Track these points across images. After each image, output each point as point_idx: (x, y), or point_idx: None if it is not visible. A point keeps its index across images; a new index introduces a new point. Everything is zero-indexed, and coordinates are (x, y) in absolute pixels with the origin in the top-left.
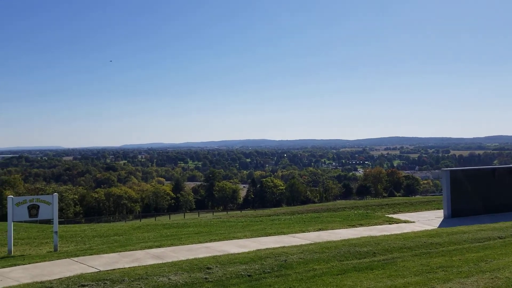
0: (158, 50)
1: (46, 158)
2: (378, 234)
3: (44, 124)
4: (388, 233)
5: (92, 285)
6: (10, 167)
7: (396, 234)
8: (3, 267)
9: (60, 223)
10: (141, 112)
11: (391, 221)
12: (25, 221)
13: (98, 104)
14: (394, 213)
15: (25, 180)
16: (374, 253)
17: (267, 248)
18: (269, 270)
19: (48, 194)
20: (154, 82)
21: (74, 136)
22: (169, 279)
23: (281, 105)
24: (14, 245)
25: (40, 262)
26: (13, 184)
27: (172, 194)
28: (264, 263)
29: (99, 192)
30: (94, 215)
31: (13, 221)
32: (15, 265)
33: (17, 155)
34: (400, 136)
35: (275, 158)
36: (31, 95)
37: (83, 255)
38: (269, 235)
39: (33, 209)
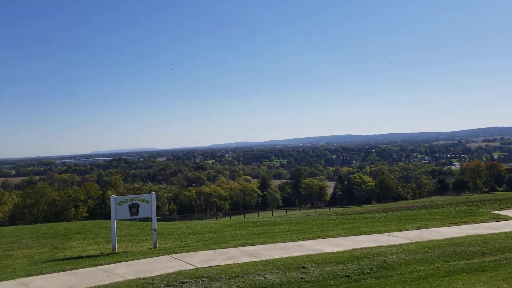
0: (233, 47)
1: (142, 160)
2: (485, 232)
3: (140, 128)
4: (497, 231)
5: (191, 282)
6: (111, 168)
7: (506, 232)
8: (109, 263)
9: (156, 220)
10: (226, 113)
11: (499, 218)
12: (126, 219)
13: (185, 107)
14: (501, 209)
15: (125, 180)
16: (483, 253)
17: (363, 248)
18: (368, 271)
19: (145, 193)
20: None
21: (167, 138)
22: (265, 277)
23: (365, 100)
24: (117, 242)
25: (141, 258)
26: (114, 184)
27: (259, 192)
28: (362, 263)
29: (191, 190)
30: (187, 213)
31: (116, 220)
32: (119, 261)
33: (117, 158)
34: (500, 126)
35: (362, 153)
36: (129, 102)
37: (181, 252)
38: (364, 234)
39: (134, 208)
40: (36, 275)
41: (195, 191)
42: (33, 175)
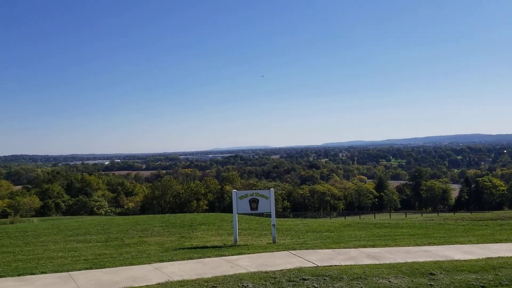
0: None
1: (257, 157)
2: None
3: (256, 127)
4: None
5: (312, 279)
6: (228, 165)
7: None
8: (232, 255)
9: (270, 216)
10: (341, 110)
11: None
12: (246, 214)
13: (300, 105)
14: None
15: (241, 176)
16: None
17: (499, 257)
18: (507, 282)
19: (260, 189)
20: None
21: (281, 136)
22: (389, 281)
23: (495, 95)
24: (238, 235)
25: (262, 252)
26: (232, 180)
27: (375, 193)
28: (499, 273)
29: (304, 188)
30: (300, 210)
31: (237, 213)
32: (241, 253)
33: (234, 155)
34: None
35: (492, 154)
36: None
37: (300, 249)
38: (500, 242)
39: (254, 203)
40: (168, 261)
41: (308, 189)
42: (160, 169)
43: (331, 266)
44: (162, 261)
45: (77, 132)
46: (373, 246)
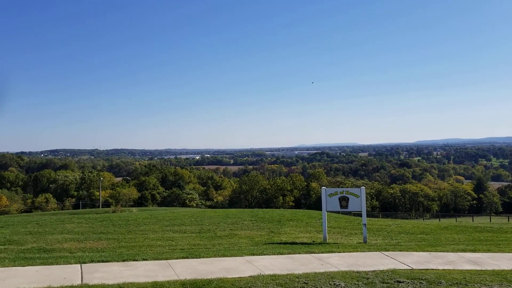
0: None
1: (344, 154)
2: None
3: (342, 123)
4: None
5: (408, 282)
6: (314, 161)
7: None
8: (322, 252)
9: (358, 215)
10: (436, 106)
11: None
12: (335, 212)
13: (392, 100)
14: None
15: (327, 173)
16: None
17: None
18: None
19: (347, 187)
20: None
21: (369, 133)
22: None
23: None
24: (327, 233)
25: (352, 252)
26: (318, 177)
27: (474, 195)
28: None
29: (395, 188)
30: (390, 210)
31: (326, 211)
32: (331, 252)
33: (320, 151)
34: None
35: None
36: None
37: (393, 250)
38: None
39: (343, 201)
40: (259, 255)
41: (399, 189)
42: (247, 164)
43: (427, 269)
44: (253, 254)
45: (171, 128)
46: (474, 251)
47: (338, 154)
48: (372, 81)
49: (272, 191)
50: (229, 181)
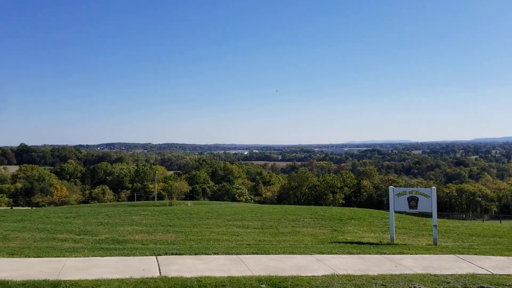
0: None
1: (396, 152)
2: None
3: (394, 120)
4: None
5: None
6: (364, 159)
7: None
8: (393, 253)
9: (413, 215)
10: (496, 102)
11: None
12: (403, 212)
13: (448, 96)
14: None
15: (378, 171)
16: None
17: None
18: None
19: (401, 186)
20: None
21: (423, 129)
22: None
23: None
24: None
25: (425, 254)
26: (369, 175)
27: None
28: None
29: (450, 187)
30: (445, 211)
31: (394, 211)
32: (402, 253)
33: (370, 148)
34: None
35: None
36: (381, 93)
37: (468, 253)
38: None
39: (413, 201)
40: (327, 253)
41: (455, 188)
42: (296, 161)
43: (509, 275)
44: (322, 253)
45: (220, 123)
46: None
47: (389, 151)
48: (426, 77)
49: (321, 188)
50: (277, 176)
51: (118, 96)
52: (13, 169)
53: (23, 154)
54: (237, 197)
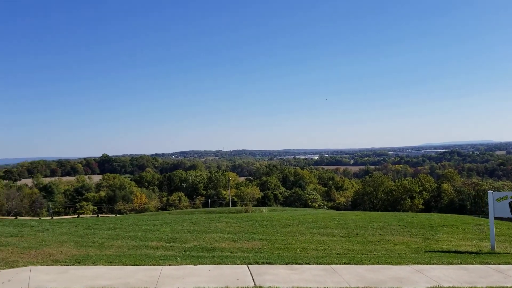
0: None
1: (478, 153)
2: None
3: (472, 119)
4: None
5: None
6: (443, 161)
7: None
8: (498, 263)
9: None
10: None
11: None
12: (500, 218)
13: None
14: None
15: (459, 174)
16: None
17: None
18: None
19: (485, 189)
20: None
21: (506, 128)
22: None
23: None
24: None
25: None
26: (450, 178)
27: None
28: None
29: None
30: None
31: (494, 217)
32: (508, 263)
33: (449, 150)
34: None
35: None
36: (458, 90)
37: None
38: None
39: None
40: (426, 264)
41: None
42: (369, 165)
43: None
44: (420, 263)
45: (289, 129)
46: None
47: (470, 152)
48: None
49: (398, 192)
50: (350, 181)
51: (190, 106)
52: (96, 178)
53: (105, 164)
54: (310, 203)
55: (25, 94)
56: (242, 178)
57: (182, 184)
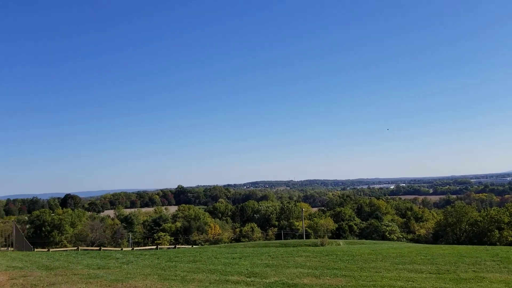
0: None
1: None
2: None
3: None
4: None
5: None
6: None
7: None
8: None
9: None
10: None
11: None
12: None
13: None
14: None
15: None
16: None
17: None
18: None
19: None
20: None
21: None
22: None
23: None
24: None
25: None
26: None
27: None
28: None
29: None
30: None
31: None
32: None
33: None
34: None
35: None
36: None
37: None
38: None
39: None
40: None
41: None
42: (449, 194)
43: None
44: None
45: (362, 158)
46: None
47: None
48: None
49: (484, 223)
50: (430, 212)
51: (260, 138)
52: (172, 209)
53: (181, 195)
54: (387, 235)
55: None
56: (315, 209)
57: (255, 215)
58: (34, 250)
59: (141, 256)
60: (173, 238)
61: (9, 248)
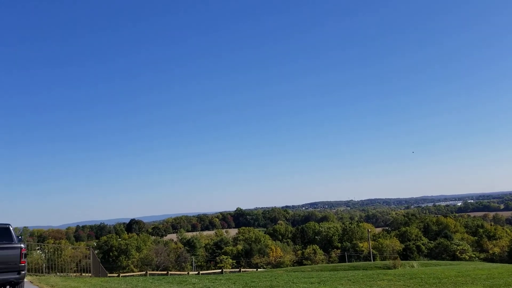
0: None
1: None
2: None
3: None
4: None
5: None
6: None
7: None
8: None
9: None
10: None
11: None
12: None
13: None
14: None
15: None
16: None
17: None
18: None
19: None
20: None
21: None
22: None
23: None
24: None
25: None
26: None
27: None
28: None
29: None
30: None
31: None
32: None
33: None
34: None
35: None
36: None
37: None
38: None
39: None
40: None
41: None
42: None
43: None
44: None
45: (426, 174)
46: None
47: None
48: None
49: None
50: (503, 229)
51: (318, 158)
52: (232, 231)
53: (239, 218)
54: (458, 255)
55: (170, 165)
56: (378, 229)
57: (316, 237)
58: (107, 275)
59: (217, 281)
60: (234, 261)
61: (83, 274)
